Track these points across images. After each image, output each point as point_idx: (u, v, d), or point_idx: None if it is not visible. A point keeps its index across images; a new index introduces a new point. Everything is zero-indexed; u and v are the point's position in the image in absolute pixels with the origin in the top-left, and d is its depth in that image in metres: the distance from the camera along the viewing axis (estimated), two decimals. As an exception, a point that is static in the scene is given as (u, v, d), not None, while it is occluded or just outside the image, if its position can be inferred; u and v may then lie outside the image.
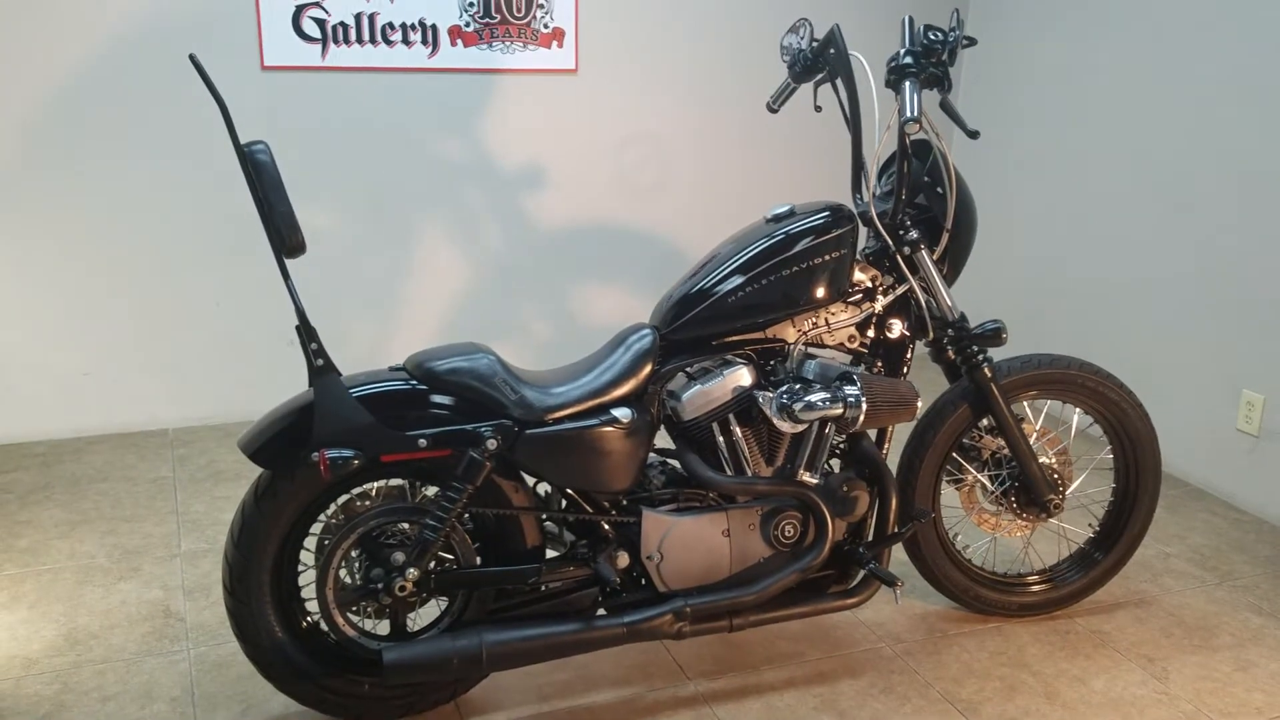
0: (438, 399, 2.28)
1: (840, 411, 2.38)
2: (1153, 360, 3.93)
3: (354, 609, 2.30)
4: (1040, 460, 2.74)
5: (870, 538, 2.60)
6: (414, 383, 2.29)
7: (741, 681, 2.59)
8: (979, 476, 2.78)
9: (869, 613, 2.88)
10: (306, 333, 2.16)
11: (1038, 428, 2.77)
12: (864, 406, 2.36)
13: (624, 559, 2.44)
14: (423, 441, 2.22)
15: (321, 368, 2.17)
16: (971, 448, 2.79)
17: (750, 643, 2.71)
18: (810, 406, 2.37)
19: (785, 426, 2.42)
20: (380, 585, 2.25)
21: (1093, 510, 2.95)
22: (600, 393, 2.37)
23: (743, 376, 2.45)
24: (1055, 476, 2.75)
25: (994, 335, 2.60)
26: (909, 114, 2.33)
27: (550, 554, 2.47)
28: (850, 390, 2.38)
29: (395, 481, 2.36)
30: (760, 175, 4.68)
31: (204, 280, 3.96)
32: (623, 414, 2.35)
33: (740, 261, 2.46)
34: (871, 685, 2.58)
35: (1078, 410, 2.82)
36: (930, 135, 2.52)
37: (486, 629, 2.26)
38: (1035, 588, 2.88)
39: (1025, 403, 2.77)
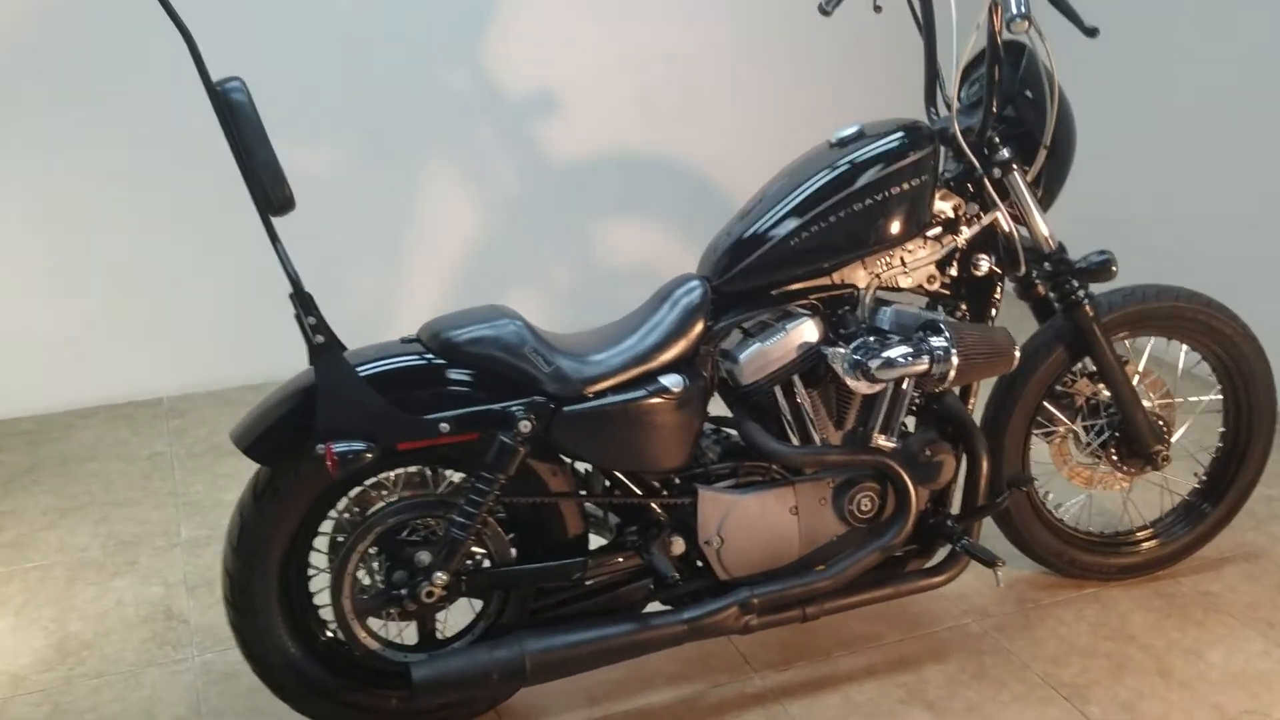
0: (459, 374, 1.96)
1: (926, 367, 2.04)
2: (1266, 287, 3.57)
3: (377, 616, 2.01)
4: (1144, 406, 2.41)
5: (959, 507, 2.28)
6: (430, 356, 1.96)
7: (813, 672, 2.29)
8: (1074, 427, 2.46)
9: (948, 586, 2.57)
10: (302, 304, 1.84)
11: (1140, 369, 2.44)
12: (955, 360, 2.03)
13: (679, 545, 2.13)
14: (445, 426, 1.90)
15: (322, 345, 1.84)
16: (1064, 395, 2.46)
17: (820, 627, 2.41)
18: (889, 364, 2.03)
19: (861, 387, 2.09)
20: (405, 591, 1.95)
21: (1197, 458, 2.62)
22: (646, 358, 2.04)
23: (808, 331, 2.12)
24: (1161, 424, 2.42)
25: (1102, 268, 2.25)
26: (1015, 9, 1.95)
27: (596, 542, 2.17)
28: (938, 342, 2.04)
29: (414, 469, 2.04)
30: (808, 94, 4.25)
31: (194, 235, 3.62)
32: (674, 382, 2.03)
33: (801, 198, 2.11)
34: (961, 670, 2.28)
35: (1184, 348, 2.48)
36: (1035, 38, 2.14)
37: (528, 636, 1.96)
38: (1137, 547, 2.57)
39: (1125, 342, 2.43)
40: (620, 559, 2.10)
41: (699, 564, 2.16)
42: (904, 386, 2.14)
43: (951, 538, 2.20)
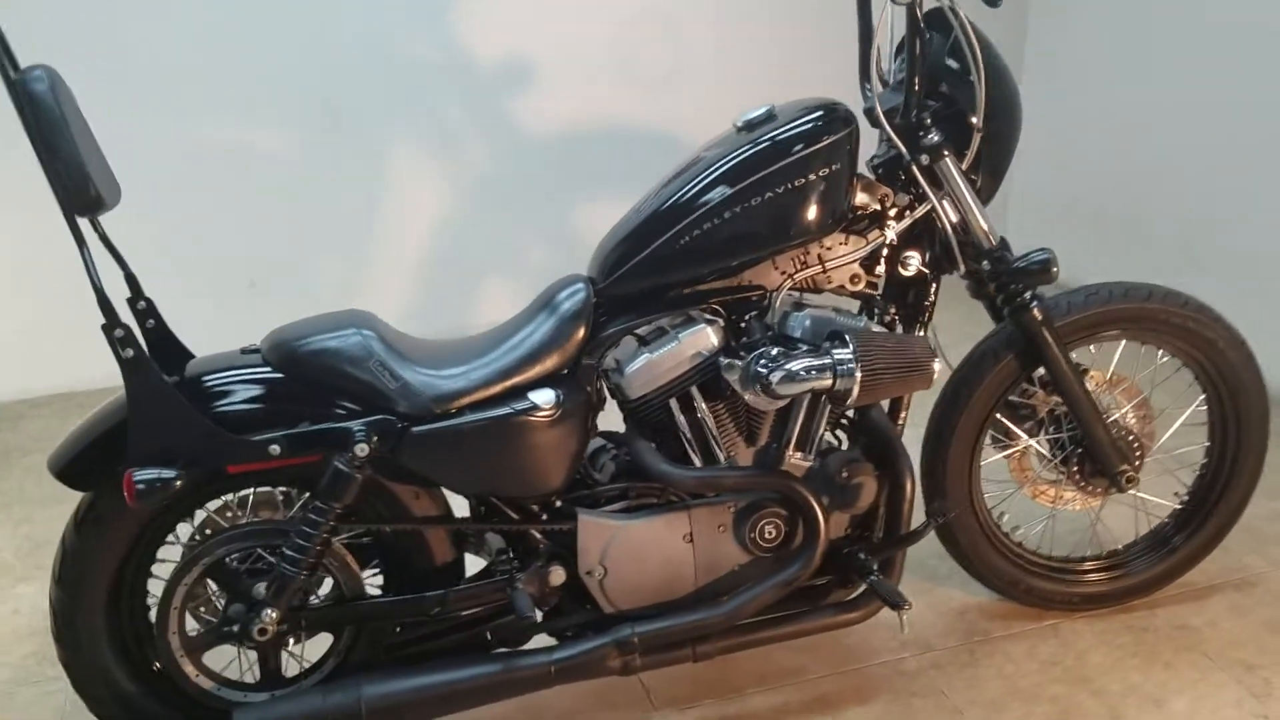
0: (298, 390, 1.78)
1: (829, 382, 1.80)
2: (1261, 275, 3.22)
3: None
4: (1112, 419, 2.13)
5: (882, 533, 2.04)
6: (267, 370, 1.78)
7: (719, 711, 2.08)
8: (1030, 441, 2.19)
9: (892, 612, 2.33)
10: (105, 315, 1.66)
11: (1109, 374, 2.15)
12: (857, 375, 1.78)
13: (559, 575, 1.93)
14: (276, 448, 1.72)
15: (131, 360, 1.67)
16: (1022, 406, 2.19)
17: (738, 656, 2.19)
18: (790, 377, 1.79)
19: (761, 403, 1.86)
20: (237, 627, 1.79)
21: (1178, 475, 2.33)
22: (514, 371, 1.83)
23: (704, 338, 1.89)
24: (1131, 440, 2.14)
25: (1040, 270, 1.97)
26: None
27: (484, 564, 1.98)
28: (840, 354, 1.79)
29: (265, 490, 1.87)
30: (804, 58, 3.95)
31: (157, 216, 3.47)
32: (544, 398, 1.82)
33: (696, 188, 1.87)
34: (885, 713, 2.05)
35: (1161, 354, 2.19)
36: (952, 6, 1.86)
37: (368, 679, 1.78)
38: (1105, 574, 2.30)
39: (1091, 346, 2.15)
40: (489, 591, 1.90)
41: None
42: (819, 403, 1.92)
43: (862, 572, 1.96)
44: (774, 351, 1.83)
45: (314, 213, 3.61)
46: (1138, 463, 2.14)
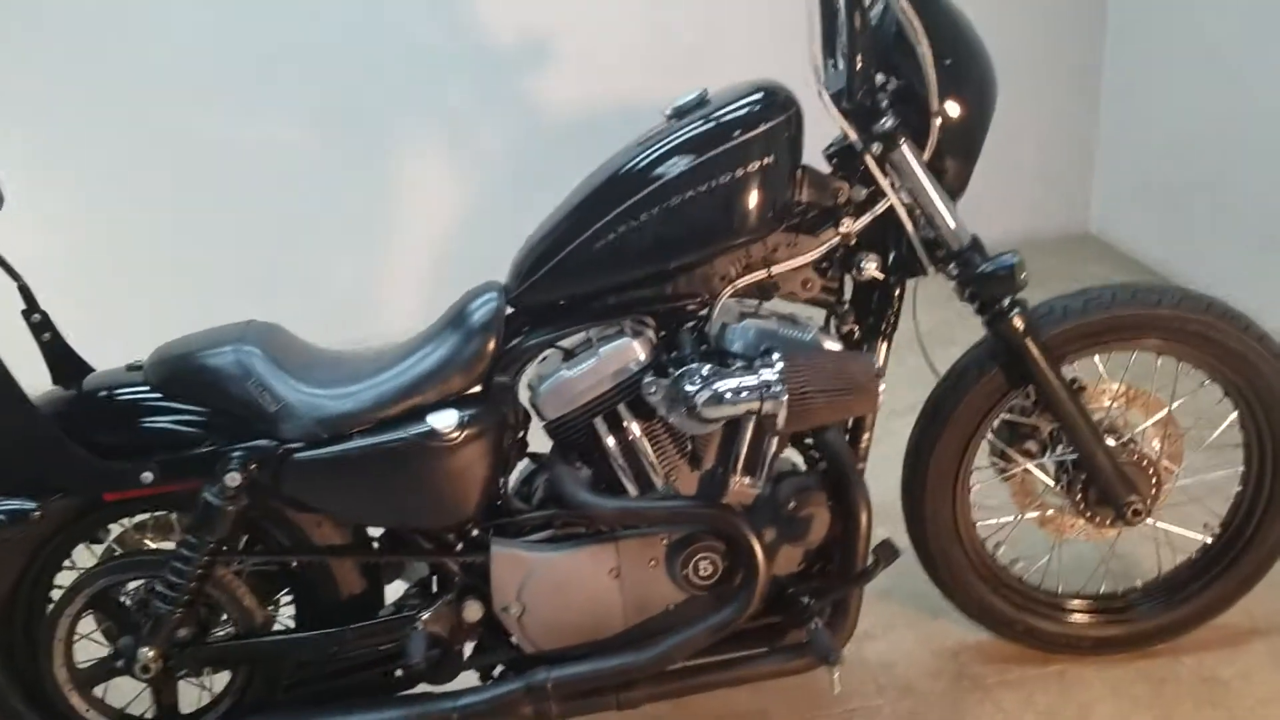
0: (180, 411, 1.66)
1: (757, 405, 1.59)
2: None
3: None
4: (1125, 440, 1.85)
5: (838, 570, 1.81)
6: (147, 390, 1.67)
7: (667, 758, 1.90)
8: (1029, 465, 1.92)
9: (879, 646, 2.11)
10: None
11: (1116, 387, 1.87)
12: (783, 399, 1.56)
13: (475, 611, 1.77)
14: (148, 475, 1.61)
15: None
16: (1022, 424, 1.93)
17: (702, 701, 1.98)
18: (717, 399, 1.59)
19: (688, 427, 1.66)
20: (122, 663, 1.69)
21: (1209, 505, 2.03)
22: (411, 391, 1.68)
23: (629, 353, 1.69)
24: (1144, 465, 1.85)
25: (1005, 276, 1.70)
26: None
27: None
28: (766, 375, 1.58)
29: (161, 514, 1.77)
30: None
31: (161, 209, 3.43)
32: (444, 422, 1.65)
33: (618, 182, 1.68)
34: (847, 770, 1.84)
35: (1182, 365, 1.89)
36: None
37: (252, 724, 1.66)
38: (1115, 616, 2.01)
39: (1097, 356, 1.87)
40: (395, 628, 1.75)
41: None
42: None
43: (803, 616, 1.74)
44: (704, 369, 1.62)
45: (318, 210, 3.50)
46: (1154, 491, 1.86)
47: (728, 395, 1.59)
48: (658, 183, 1.64)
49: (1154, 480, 1.86)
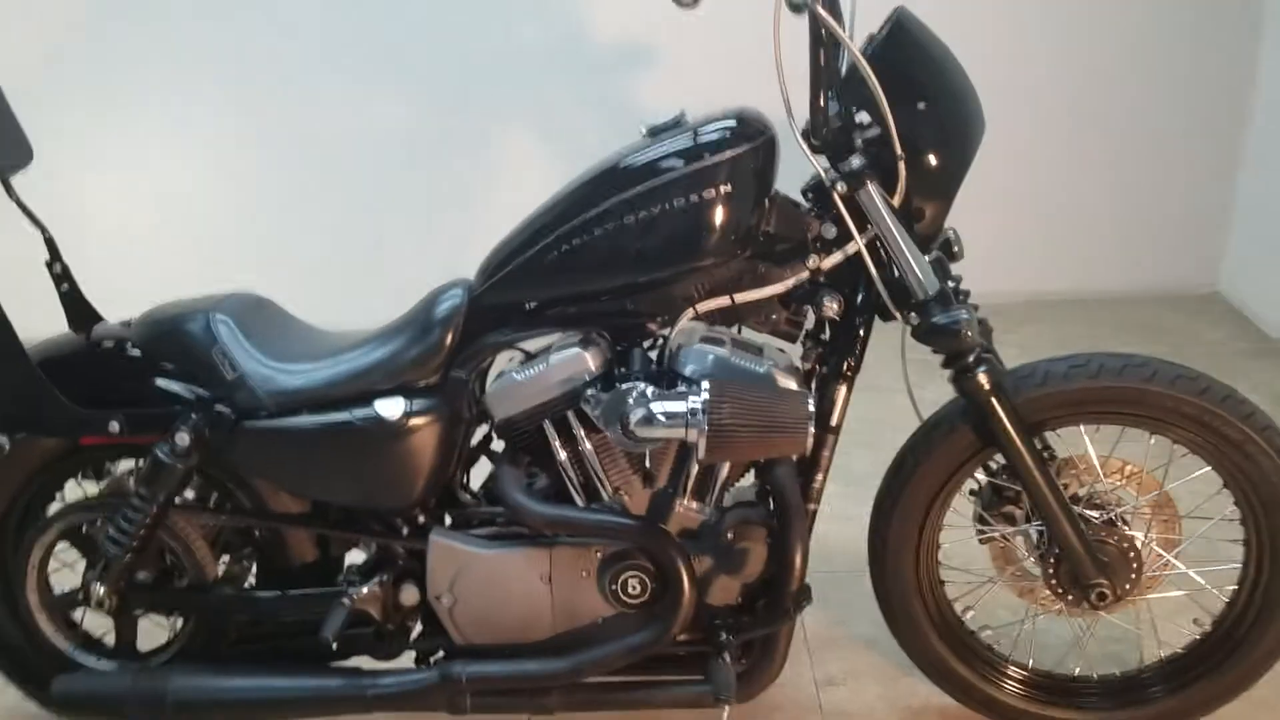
0: (152, 369, 1.77)
1: (683, 432, 1.57)
2: None
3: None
4: (1106, 519, 1.74)
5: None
6: (126, 345, 1.79)
7: (589, 771, 1.90)
8: (1001, 532, 1.83)
9: (840, 693, 2.04)
10: None
11: (1105, 463, 1.76)
12: (704, 429, 1.54)
13: (412, 595, 1.82)
14: (115, 425, 1.73)
15: None
16: (1005, 488, 1.83)
17: (645, 718, 1.99)
18: (648, 420, 1.59)
19: (623, 444, 1.66)
20: (83, 594, 1.82)
21: (1198, 600, 1.87)
22: (364, 375, 1.74)
23: (579, 364, 1.70)
24: (1126, 547, 1.73)
25: (952, 333, 1.60)
26: None
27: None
28: (693, 403, 1.56)
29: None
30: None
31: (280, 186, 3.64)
32: (390, 409, 1.70)
33: (584, 194, 1.68)
34: (764, 815, 1.80)
35: (1177, 449, 1.75)
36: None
37: (183, 671, 1.76)
38: (1095, 703, 1.88)
39: (1081, 427, 1.75)
40: (326, 600, 1.81)
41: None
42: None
43: (718, 646, 1.70)
44: (648, 389, 1.62)
45: (426, 189, 3.63)
46: (1133, 576, 1.74)
47: (660, 417, 1.58)
48: (619, 198, 1.64)
49: (1134, 565, 1.74)
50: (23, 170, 1.78)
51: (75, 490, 1.91)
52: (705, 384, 1.56)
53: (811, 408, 1.57)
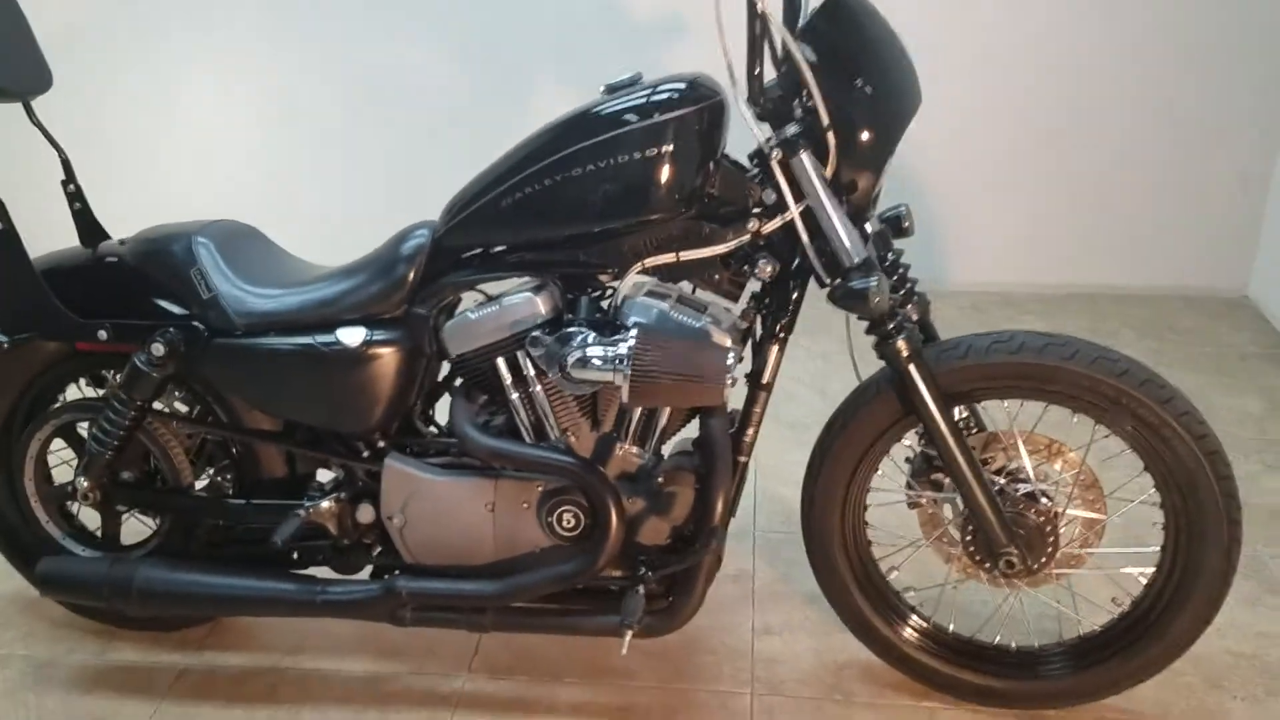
0: (136, 284, 1.92)
1: (611, 376, 1.68)
2: None
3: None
4: (1026, 492, 1.80)
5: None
6: (117, 260, 1.94)
7: (523, 691, 2.02)
8: (922, 498, 1.90)
9: (774, 642, 2.13)
10: None
11: (1030, 434, 1.81)
12: (627, 374, 1.64)
13: (368, 514, 1.96)
14: (103, 333, 1.89)
15: (2, 234, 1.88)
16: (935, 457, 1.90)
17: (583, 644, 2.10)
18: (583, 363, 1.69)
19: (564, 385, 1.76)
20: (70, 487, 1.99)
21: (1120, 580, 1.91)
22: (330, 304, 1.86)
23: (529, 308, 1.81)
24: (1041, 520, 1.79)
25: (857, 297, 1.66)
26: None
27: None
28: (621, 349, 1.66)
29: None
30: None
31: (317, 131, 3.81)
32: (351, 337, 1.84)
33: (538, 145, 1.78)
34: (679, 745, 1.90)
35: (1098, 428, 1.80)
36: None
37: (150, 563, 1.92)
38: (1005, 670, 1.94)
39: (1006, 402, 1.81)
40: (285, 511, 1.95)
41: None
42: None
43: (635, 577, 1.81)
44: (589, 335, 1.72)
45: (454, 133, 3.76)
46: (1049, 551, 1.80)
47: (594, 360, 1.68)
48: (570, 150, 1.72)
49: (1050, 540, 1.80)
50: (42, 94, 1.94)
51: (77, 395, 2.09)
52: (632, 333, 1.66)
53: (730, 361, 1.65)
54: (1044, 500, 1.81)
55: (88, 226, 2.02)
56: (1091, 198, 3.63)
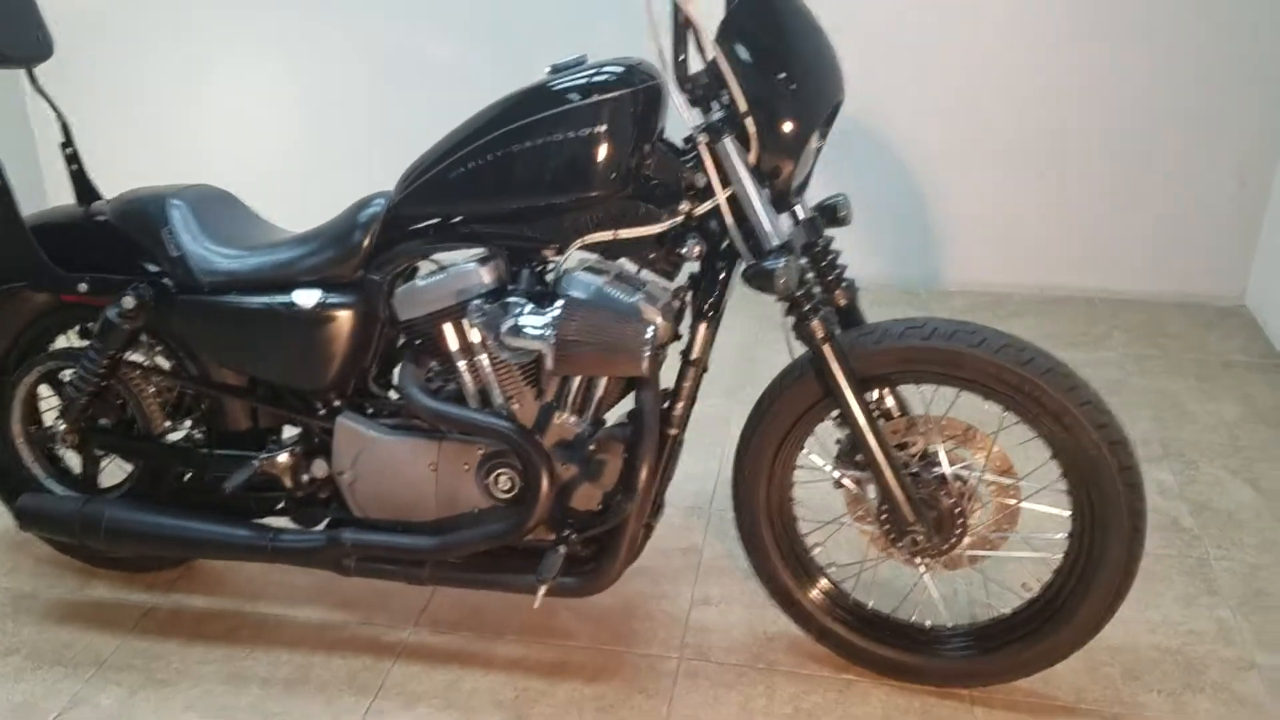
0: (114, 241, 2.06)
1: (538, 345, 1.78)
2: None
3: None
4: (939, 475, 1.86)
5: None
6: (101, 218, 2.08)
7: (464, 645, 2.13)
8: (839, 476, 1.97)
9: (709, 612, 2.22)
10: None
11: (947, 419, 1.88)
12: (551, 342, 1.74)
13: (321, 469, 2.08)
14: (84, 286, 2.03)
15: None
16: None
17: (530, 607, 2.19)
18: (516, 331, 1.80)
19: (504, 354, 1.87)
20: (50, 430, 2.14)
21: (1030, 567, 1.96)
22: (288, 266, 1.99)
23: (474, 277, 1.91)
24: (950, 503, 1.86)
25: (765, 275, 1.73)
26: None
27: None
28: (549, 318, 1.76)
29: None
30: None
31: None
32: (305, 299, 1.96)
33: (483, 121, 1.87)
34: (599, 699, 1.99)
35: (1006, 415, 1.86)
36: None
37: (118, 504, 2.06)
38: (918, 647, 2.01)
39: (921, 386, 1.87)
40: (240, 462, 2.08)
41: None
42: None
43: (559, 538, 1.91)
44: (526, 305, 1.82)
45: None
46: (959, 531, 1.86)
47: (526, 329, 1.79)
48: (512, 126, 1.82)
49: (959, 523, 1.86)
50: (44, 62, 2.08)
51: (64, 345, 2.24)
52: (559, 303, 1.76)
53: (650, 335, 1.74)
54: (956, 483, 1.88)
55: (82, 186, 2.16)
56: (1090, 203, 3.66)
